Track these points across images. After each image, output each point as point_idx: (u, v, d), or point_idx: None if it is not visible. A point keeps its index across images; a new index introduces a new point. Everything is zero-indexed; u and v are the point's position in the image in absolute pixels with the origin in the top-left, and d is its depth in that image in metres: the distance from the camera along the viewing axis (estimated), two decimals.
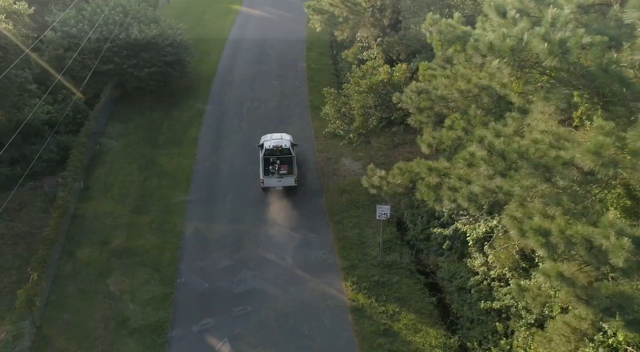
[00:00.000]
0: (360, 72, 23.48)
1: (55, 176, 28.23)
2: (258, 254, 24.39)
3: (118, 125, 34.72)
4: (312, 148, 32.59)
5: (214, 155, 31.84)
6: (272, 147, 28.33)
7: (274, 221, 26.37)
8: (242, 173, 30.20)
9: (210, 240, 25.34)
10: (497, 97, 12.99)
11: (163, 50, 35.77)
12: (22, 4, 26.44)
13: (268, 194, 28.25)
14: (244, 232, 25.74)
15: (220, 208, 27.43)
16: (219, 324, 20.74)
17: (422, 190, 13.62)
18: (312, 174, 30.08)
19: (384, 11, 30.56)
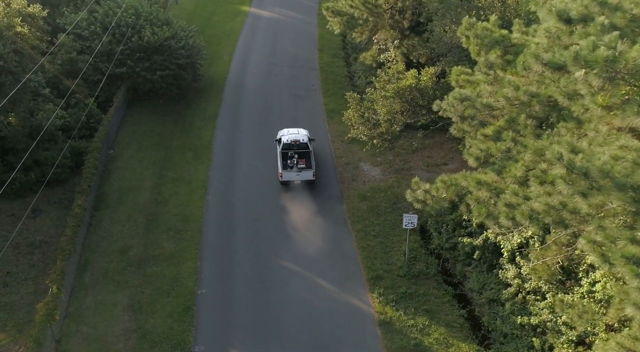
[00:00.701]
0: (385, 76, 22.80)
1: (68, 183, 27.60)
2: (280, 263, 23.71)
3: (130, 129, 34.07)
4: (329, 153, 31.92)
5: (230, 161, 31.16)
6: (289, 141, 28.57)
7: (295, 229, 25.69)
8: (259, 178, 29.54)
9: (230, 249, 24.65)
10: (549, 106, 12.31)
11: (176, 52, 35.12)
12: (36, 7, 25.81)
13: (288, 200, 27.59)
14: (265, 239, 25.06)
15: (238, 216, 26.75)
16: (243, 338, 20.09)
17: (472, 205, 12.93)
18: (331, 180, 29.41)
19: (404, 13, 29.86)
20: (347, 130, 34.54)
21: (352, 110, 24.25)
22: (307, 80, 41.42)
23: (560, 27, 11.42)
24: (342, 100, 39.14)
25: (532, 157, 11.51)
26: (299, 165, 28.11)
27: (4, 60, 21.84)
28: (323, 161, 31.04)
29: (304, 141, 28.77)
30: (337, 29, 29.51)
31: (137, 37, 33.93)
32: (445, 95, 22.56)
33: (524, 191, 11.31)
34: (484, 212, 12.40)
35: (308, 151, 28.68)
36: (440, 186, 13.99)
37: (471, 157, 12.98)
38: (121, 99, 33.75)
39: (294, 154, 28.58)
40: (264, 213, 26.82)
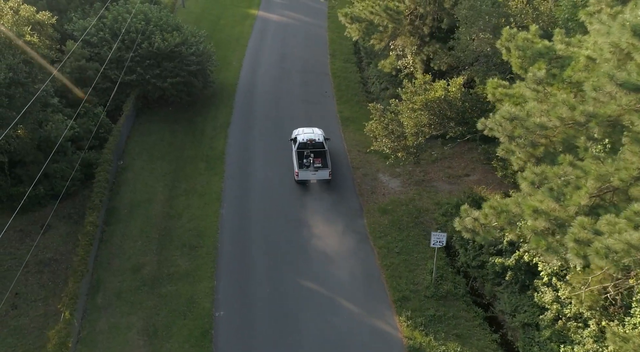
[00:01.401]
0: (412, 87, 21.74)
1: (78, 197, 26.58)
2: (300, 283, 22.66)
3: (140, 138, 33.05)
4: (346, 164, 30.87)
5: (244, 172, 30.09)
6: (305, 140, 28.76)
7: (314, 245, 24.66)
8: (274, 190, 28.50)
9: (247, 266, 23.63)
10: (609, 126, 11.28)
11: (186, 59, 34.10)
12: (45, 14, 24.81)
13: (305, 213, 26.56)
14: (283, 256, 24.01)
15: (254, 230, 25.70)
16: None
17: (528, 236, 11.88)
18: (349, 193, 28.34)
19: (424, 18, 28.82)
20: (363, 139, 33.57)
21: (374, 121, 23.22)
22: (320, 86, 40.40)
23: (633, 44, 10.36)
24: (356, 108, 38.18)
25: (595, 183, 10.48)
26: (315, 164, 28.13)
27: (14, 72, 20.86)
28: (341, 172, 30.00)
29: (320, 140, 28.92)
30: (355, 36, 28.51)
31: (146, 44, 32.92)
32: (473, 107, 21.73)
33: (592, 223, 10.28)
34: (543, 244, 11.34)
35: (324, 150, 28.79)
36: (489, 213, 12.94)
37: (525, 181, 11.93)
38: (131, 107, 32.75)
39: (310, 153, 28.59)
40: (281, 227, 25.79)
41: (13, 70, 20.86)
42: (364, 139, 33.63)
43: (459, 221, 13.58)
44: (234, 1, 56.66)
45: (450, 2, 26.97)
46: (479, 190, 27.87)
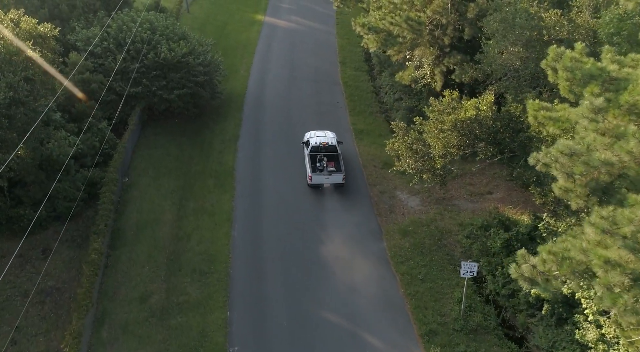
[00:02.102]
0: (440, 105, 20.30)
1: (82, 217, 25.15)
2: (319, 314, 21.21)
3: (146, 153, 31.63)
4: (362, 180, 29.43)
5: (256, 189, 28.62)
6: (318, 144, 28.64)
7: (332, 271, 23.21)
8: (288, 209, 27.06)
9: (262, 296, 22.15)
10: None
11: (194, 69, 32.69)
12: (47, 26, 23.44)
13: (321, 235, 25.13)
14: (299, 283, 22.56)
15: (268, 255, 24.25)
16: None
17: (599, 290, 10.46)
18: (367, 212, 26.90)
19: (444, 28, 27.42)
20: (379, 153, 32.16)
21: (398, 140, 21.81)
22: (331, 96, 38.98)
23: None
24: (370, 119, 36.78)
25: None
26: (329, 168, 27.84)
27: (14, 90, 19.46)
28: (357, 190, 28.55)
29: (333, 144, 28.85)
30: (372, 47, 27.13)
31: (152, 54, 31.51)
32: (504, 126, 20.24)
33: None
34: (621, 303, 9.92)
35: (337, 154, 28.60)
36: (549, 259, 11.47)
37: (594, 227, 10.47)
38: (136, 120, 31.34)
39: (323, 156, 28.34)
40: (297, 251, 24.34)
41: (13, 89, 19.48)
42: (380, 153, 32.24)
43: (515, 268, 12.11)
44: (239, 6, 55.29)
45: (474, 12, 25.59)
46: (506, 210, 26.45)
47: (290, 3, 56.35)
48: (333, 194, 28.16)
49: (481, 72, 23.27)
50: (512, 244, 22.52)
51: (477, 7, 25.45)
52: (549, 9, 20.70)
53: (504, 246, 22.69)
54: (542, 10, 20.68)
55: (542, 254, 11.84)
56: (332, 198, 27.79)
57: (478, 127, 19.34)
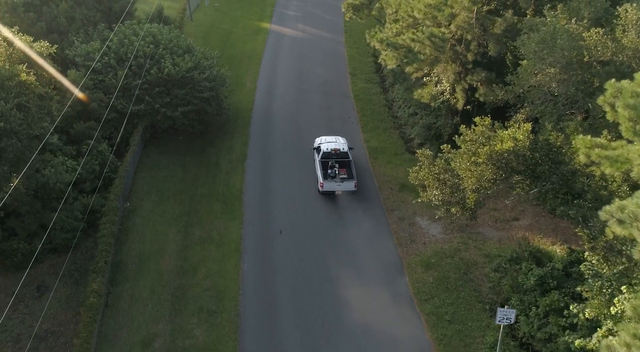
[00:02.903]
0: (472, 135, 18.49)
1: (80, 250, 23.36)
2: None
3: (149, 174, 29.86)
4: (379, 204, 27.64)
5: (266, 215, 26.81)
6: (329, 150, 28.34)
7: (351, 311, 21.35)
8: (301, 239, 25.25)
9: (276, 339, 20.33)
10: None
11: (199, 85, 30.95)
12: (44, 43, 21.71)
13: (339, 269, 23.35)
14: (316, 325, 20.75)
15: (281, 292, 22.43)
16: None
17: None
18: (386, 241, 25.11)
19: (468, 44, 25.68)
20: (395, 174, 30.38)
21: (423, 169, 20.06)
22: (342, 110, 37.21)
23: None
24: (384, 136, 34.99)
25: None
26: (341, 175, 27.46)
27: (5, 120, 17.72)
28: (375, 215, 26.73)
29: (344, 150, 28.54)
30: (391, 64, 25.41)
31: (156, 69, 29.77)
32: (544, 157, 18.38)
33: None
34: None
35: (348, 160, 28.36)
36: (633, 345, 9.65)
37: None
38: (138, 140, 29.59)
39: (335, 163, 28.01)
40: (312, 288, 22.51)
41: (5, 118, 17.74)
42: (396, 173, 30.47)
43: None
44: (244, 13, 53.59)
45: (501, 27, 23.83)
46: (535, 239, 24.66)
47: (296, 10, 54.64)
48: (349, 220, 26.39)
49: (512, 94, 21.51)
50: (547, 282, 20.70)
51: (505, 22, 23.70)
52: (589, 28, 18.96)
53: (538, 283, 20.86)
54: (582, 29, 18.95)
55: (624, 336, 10.05)
56: (348, 225, 26.01)
57: (514, 159, 17.58)
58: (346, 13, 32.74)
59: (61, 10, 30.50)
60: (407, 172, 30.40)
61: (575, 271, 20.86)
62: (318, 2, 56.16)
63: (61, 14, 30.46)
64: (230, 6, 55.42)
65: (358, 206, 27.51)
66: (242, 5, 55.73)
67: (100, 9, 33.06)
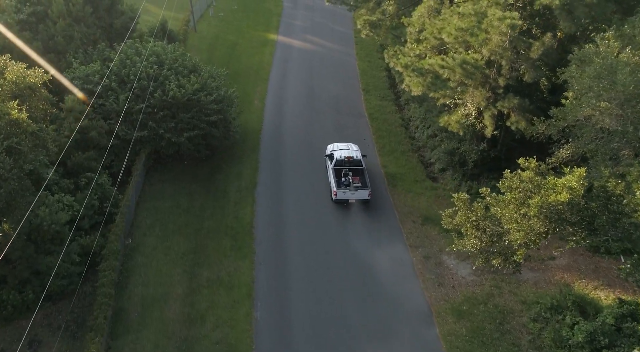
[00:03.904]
0: (518, 181, 16.36)
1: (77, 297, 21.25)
2: None
3: (152, 204, 27.76)
4: (401, 240, 25.53)
5: (280, 253, 24.64)
6: (342, 157, 27.95)
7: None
8: (320, 281, 23.11)
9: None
10: None
11: (206, 107, 28.89)
12: (38, 71, 19.65)
13: (361, 320, 21.17)
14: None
15: (299, 344, 20.28)
16: None
17: None
18: (411, 284, 22.99)
19: (499, 68, 23.63)
20: (416, 204, 28.25)
21: (460, 215, 17.98)
22: (357, 131, 35.07)
23: None
24: (402, 160, 32.85)
25: None
26: (354, 183, 26.99)
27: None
28: (398, 254, 24.58)
29: (358, 157, 28.16)
30: (416, 91, 23.35)
31: (160, 92, 27.73)
32: (601, 207, 16.21)
33: None
34: None
35: (362, 168, 27.94)
36: None
37: None
38: (140, 169, 27.52)
39: (348, 171, 27.63)
40: (332, 342, 20.37)
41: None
42: (417, 204, 28.36)
43: None
44: (250, 23, 51.53)
45: (538, 52, 21.72)
46: (576, 283, 22.54)
47: (304, 20, 52.54)
48: (370, 260, 24.25)
49: (555, 129, 19.42)
50: (597, 339, 18.57)
51: (543, 46, 21.61)
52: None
53: (587, 340, 18.73)
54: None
55: None
56: (369, 266, 23.86)
57: (568, 210, 15.50)
58: (362, 30, 30.68)
59: (59, 28, 28.49)
60: (430, 202, 28.74)
61: (628, 327, 18.79)
62: (326, 11, 54.00)
63: (59, 32, 28.46)
64: (235, 16, 53.38)
65: (379, 241, 25.39)
66: (247, 15, 53.69)
67: (100, 26, 31.04)
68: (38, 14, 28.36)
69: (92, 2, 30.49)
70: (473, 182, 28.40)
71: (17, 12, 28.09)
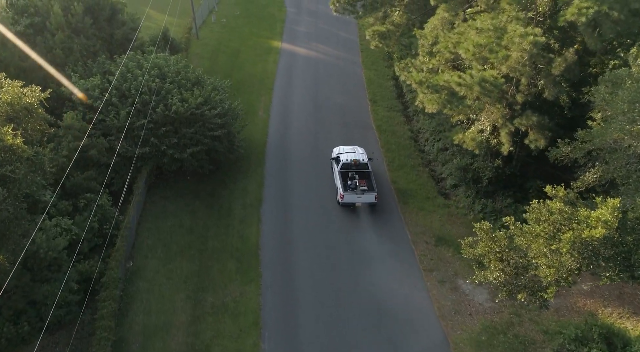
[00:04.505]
0: (547, 214, 15.24)
1: None
2: None
3: (153, 224, 26.69)
4: (414, 263, 24.46)
5: (288, 277, 23.55)
6: (349, 160, 28.12)
7: None
8: (331, 306, 22.08)
9: None
10: None
11: (210, 122, 27.84)
12: (34, 91, 18.57)
13: (379, 348, 20.12)
14: None
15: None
16: None
17: None
18: (425, 313, 21.89)
19: (518, 85, 22.58)
20: (429, 224, 27.11)
21: (482, 246, 16.92)
22: (365, 144, 33.85)
23: None
24: (413, 176, 31.74)
25: None
26: (361, 187, 27.11)
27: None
28: (411, 279, 23.48)
29: (364, 161, 28.31)
30: (431, 109, 22.31)
31: (162, 107, 26.69)
32: (638, 240, 15.07)
33: None
34: None
35: (368, 171, 28.11)
36: None
37: None
38: (142, 187, 26.48)
39: (355, 174, 27.74)
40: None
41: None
42: (430, 223, 27.25)
43: None
44: (253, 30, 50.46)
45: (560, 68, 20.66)
46: (599, 311, 21.46)
47: (308, 26, 51.46)
48: (383, 285, 23.15)
49: (581, 152, 18.36)
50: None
51: (565, 62, 20.55)
52: None
53: None
54: None
55: None
56: (384, 293, 22.74)
57: (599, 246, 14.43)
58: (371, 41, 29.56)
59: (57, 41, 27.46)
60: (443, 221, 27.64)
61: None
62: (330, 17, 52.38)
63: (57, 45, 27.42)
64: (238, 22, 52.31)
65: (391, 265, 24.30)
66: (250, 21, 52.61)
67: (100, 37, 29.99)
68: (36, 26, 27.34)
69: (92, 12, 29.45)
70: (487, 200, 27.31)
71: (14, 23, 27.06)
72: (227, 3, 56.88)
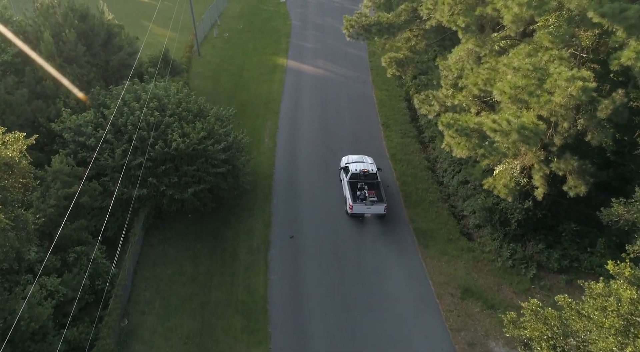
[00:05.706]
0: (614, 303, 13.00)
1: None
2: None
3: (151, 272, 24.38)
4: (439, 321, 22.10)
5: (300, 340, 21.22)
6: (358, 171, 28.05)
7: None
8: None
9: None
10: None
11: (213, 158, 25.60)
12: (16, 141, 16.26)
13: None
14: None
15: None
16: None
17: None
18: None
19: (556, 126, 20.36)
20: (454, 272, 24.72)
21: (530, 328, 14.65)
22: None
23: None
24: (432, 214, 29.31)
25: None
26: (370, 197, 26.94)
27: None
28: (436, 341, 21.11)
29: (373, 171, 28.25)
30: (460, 154, 20.07)
31: (161, 143, 24.44)
32: None
33: None
34: None
35: (377, 182, 28.06)
36: None
37: None
38: (139, 233, 24.18)
39: (364, 185, 27.72)
40: None
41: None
42: (455, 271, 24.89)
43: None
44: (257, 46, 48.24)
45: (607, 111, 18.40)
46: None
47: (315, 42, 49.15)
48: (407, 350, 20.84)
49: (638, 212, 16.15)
50: None
51: (613, 104, 18.28)
52: None
53: None
54: None
55: None
56: None
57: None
58: (388, 68, 27.34)
59: (48, 71, 25.22)
60: (468, 268, 25.25)
61: None
62: (338, 31, 50.24)
63: (48, 76, 25.17)
64: (241, 37, 50.10)
65: (414, 324, 21.90)
66: (254, 35, 50.41)
67: (95, 64, 27.74)
68: (25, 55, 25.12)
69: (86, 38, 27.20)
70: (517, 245, 25.01)
71: (0, 52, 24.85)
72: (229, 16, 54.76)
